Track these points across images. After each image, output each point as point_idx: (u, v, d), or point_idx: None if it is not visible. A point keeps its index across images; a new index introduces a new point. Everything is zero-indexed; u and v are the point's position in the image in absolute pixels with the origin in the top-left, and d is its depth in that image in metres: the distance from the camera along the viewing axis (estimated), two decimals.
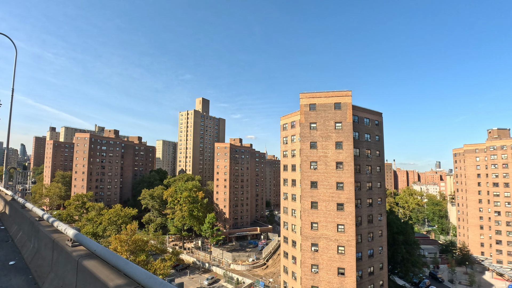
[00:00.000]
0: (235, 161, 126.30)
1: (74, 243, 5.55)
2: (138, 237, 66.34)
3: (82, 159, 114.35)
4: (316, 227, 45.62)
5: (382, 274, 56.24)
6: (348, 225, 44.75)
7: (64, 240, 5.89)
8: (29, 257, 7.88)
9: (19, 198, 12.56)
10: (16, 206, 12.25)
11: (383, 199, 57.42)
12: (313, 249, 45.53)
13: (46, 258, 6.60)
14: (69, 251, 5.29)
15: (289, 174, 61.96)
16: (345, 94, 46.83)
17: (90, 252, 4.96)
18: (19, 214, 11.00)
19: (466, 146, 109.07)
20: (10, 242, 10.22)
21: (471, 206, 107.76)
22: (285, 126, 63.98)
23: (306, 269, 45.50)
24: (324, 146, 46.33)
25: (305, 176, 46.34)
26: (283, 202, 63.87)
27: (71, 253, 5.13)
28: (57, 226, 6.77)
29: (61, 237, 6.32)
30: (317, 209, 45.76)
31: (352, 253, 44.48)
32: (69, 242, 5.63)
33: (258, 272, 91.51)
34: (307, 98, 47.75)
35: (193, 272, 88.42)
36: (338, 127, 46.47)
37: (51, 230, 7.08)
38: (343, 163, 45.62)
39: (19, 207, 11.56)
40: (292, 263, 59.56)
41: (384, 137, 59.32)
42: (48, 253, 6.52)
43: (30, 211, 10.39)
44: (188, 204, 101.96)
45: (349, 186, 45.17)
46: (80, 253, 5.07)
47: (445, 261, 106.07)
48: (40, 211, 8.64)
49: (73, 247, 5.48)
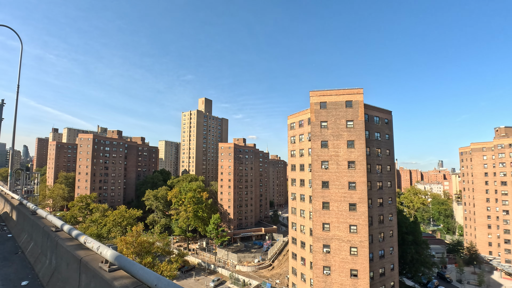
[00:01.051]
0: (239, 161, 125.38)
1: (112, 267, 4.34)
2: (143, 238, 65.45)
3: (85, 160, 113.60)
4: (328, 228, 44.62)
5: (393, 275, 55.21)
6: (361, 225, 43.75)
7: (97, 262, 4.76)
8: (45, 276, 6.65)
9: (29, 203, 11.41)
10: (25, 212, 11.19)
11: (394, 199, 56.40)
12: (325, 250, 44.53)
13: (71, 282, 5.28)
14: (107, 278, 4.06)
15: (297, 174, 60.98)
16: (357, 91, 45.83)
17: (139, 283, 3.79)
18: (30, 222, 9.90)
19: (473, 145, 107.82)
20: (20, 254, 9.15)
21: (478, 205, 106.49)
22: (293, 125, 62.99)
23: (318, 271, 44.50)
24: (335, 145, 45.33)
25: (316, 176, 45.35)
26: (291, 203, 62.91)
27: (110, 282, 3.93)
28: (85, 241, 5.49)
29: (91, 256, 5.08)
30: (328, 209, 44.77)
31: (365, 254, 43.48)
32: (104, 265, 4.45)
33: (264, 273, 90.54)
34: (318, 96, 46.76)
35: (198, 273, 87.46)
36: (349, 125, 45.47)
37: (75, 246, 5.85)
38: (355, 163, 44.62)
39: (29, 213, 10.52)
40: (301, 265, 58.59)
41: (394, 136, 58.29)
42: (73, 275, 5.23)
43: (43, 219, 9.28)
44: (192, 205, 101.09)
45: (362, 186, 44.17)
46: (124, 282, 3.88)
47: (452, 260, 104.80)
48: (58, 220, 7.42)
49: (112, 272, 4.29)
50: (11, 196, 16.83)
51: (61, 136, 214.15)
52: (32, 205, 10.80)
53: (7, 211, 15.76)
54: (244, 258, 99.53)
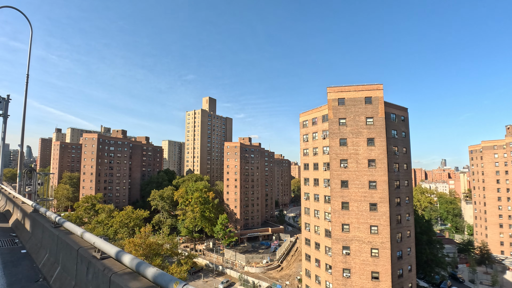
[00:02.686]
0: (245, 160, 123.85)
1: None
2: (152, 240, 63.94)
3: (90, 160, 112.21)
4: (348, 229, 43.02)
5: (410, 277, 53.61)
6: (382, 226, 42.15)
7: None
8: None
9: (48, 212, 9.19)
10: (44, 222, 8.93)
11: (410, 198, 54.75)
12: (345, 252, 42.94)
13: None
14: None
15: (310, 173, 59.39)
16: (376, 87, 44.19)
17: None
18: (53, 238, 7.59)
19: (484, 143, 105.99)
20: (42, 283, 6.77)
21: (489, 204, 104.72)
22: (305, 123, 61.38)
23: (337, 273, 42.92)
24: (354, 143, 43.71)
25: (334, 175, 43.74)
26: (304, 203, 61.33)
27: None
28: None
29: None
30: (348, 209, 43.17)
31: (387, 256, 41.90)
32: None
33: (273, 274, 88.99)
34: (335, 92, 45.13)
35: (206, 275, 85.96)
36: (369, 122, 43.84)
37: None
38: (375, 161, 43.02)
39: (50, 226, 8.23)
40: (315, 266, 57.03)
41: (410, 134, 56.57)
42: None
43: (72, 235, 6.82)
44: (199, 205, 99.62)
45: (383, 185, 42.57)
46: None
47: (463, 260, 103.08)
48: (106, 243, 4.84)
49: None
50: (22, 200, 14.59)
51: (65, 136, 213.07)
52: (54, 214, 8.62)
53: (18, 219, 13.55)
54: (252, 259, 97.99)
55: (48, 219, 9.37)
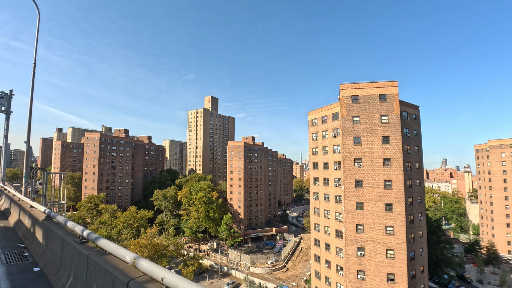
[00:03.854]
0: (248, 159, 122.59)
1: None
2: (157, 241, 62.63)
3: (92, 160, 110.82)
4: (362, 229, 41.85)
5: (423, 278, 52.50)
6: (398, 226, 41.00)
7: None
8: None
9: (70, 222, 7.23)
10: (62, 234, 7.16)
11: (423, 198, 53.59)
12: (359, 253, 41.77)
13: None
14: None
15: (320, 173, 58.17)
16: (391, 84, 43.01)
17: None
18: (79, 257, 5.80)
19: (491, 142, 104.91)
20: None
21: (496, 204, 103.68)
22: (314, 121, 60.15)
23: (351, 275, 41.74)
24: (369, 141, 42.52)
25: (348, 175, 42.54)
26: (314, 203, 60.12)
27: None
28: None
29: None
30: (362, 210, 41.99)
31: (403, 257, 40.74)
32: None
33: (279, 275, 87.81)
34: (349, 89, 43.91)
35: (211, 276, 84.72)
36: (384, 120, 42.66)
37: None
38: (390, 159, 41.85)
39: (73, 240, 6.46)
40: (325, 268, 55.86)
41: (422, 132, 55.38)
42: None
43: (108, 256, 5.17)
44: (203, 205, 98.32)
45: (398, 184, 41.40)
46: None
47: (469, 260, 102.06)
48: (182, 279, 3.23)
49: None
50: (29, 204, 12.84)
51: (66, 136, 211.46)
52: (79, 226, 6.52)
53: (27, 227, 11.69)
54: (257, 259, 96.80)
55: (69, 231, 7.52)
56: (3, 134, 28.89)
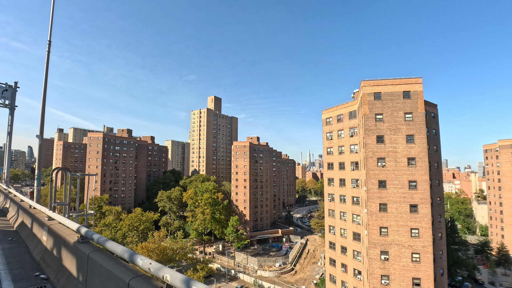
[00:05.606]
0: (254, 160, 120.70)
1: None
2: (165, 245, 60.49)
3: (95, 160, 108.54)
4: (386, 232, 40.06)
5: (443, 281, 50.78)
6: (423, 229, 39.24)
7: None
8: None
9: (140, 257, 4.36)
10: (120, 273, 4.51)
11: (442, 199, 51.99)
12: (383, 257, 39.94)
13: None
14: None
15: (335, 173, 56.45)
16: (415, 81, 41.35)
17: None
18: None
19: (501, 142, 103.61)
20: None
21: (506, 204, 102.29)
22: (329, 120, 58.43)
23: (374, 280, 39.90)
24: (392, 140, 40.80)
25: (371, 175, 40.75)
26: (328, 204, 58.34)
27: None
28: None
29: None
30: (386, 212, 40.21)
31: (429, 261, 38.98)
32: None
33: (287, 278, 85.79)
34: (371, 86, 42.20)
35: (219, 280, 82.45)
36: (408, 118, 40.97)
37: None
38: (415, 159, 40.14)
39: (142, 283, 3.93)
40: (341, 272, 54.06)
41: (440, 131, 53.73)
42: None
43: None
44: (209, 207, 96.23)
45: (424, 185, 39.68)
46: None
47: (479, 262, 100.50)
48: None
49: None
50: (47, 215, 9.65)
51: (67, 136, 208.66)
52: (148, 259, 4.22)
53: (47, 248, 8.47)
54: (265, 262, 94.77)
55: (126, 265, 4.84)
56: (7, 130, 26.26)
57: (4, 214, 18.09)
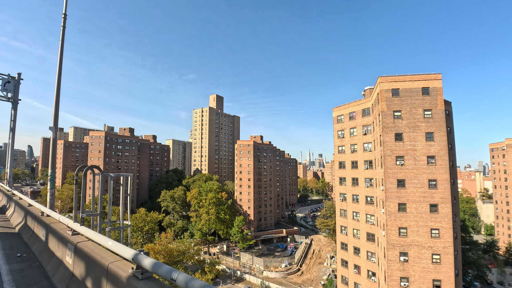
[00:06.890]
0: (257, 159, 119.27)
1: None
2: (172, 246, 58.95)
3: (97, 159, 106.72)
4: (405, 233, 38.77)
5: (458, 282, 49.37)
6: (444, 229, 37.99)
7: None
8: None
9: None
10: None
11: (457, 198, 50.65)
12: (402, 259, 38.66)
13: None
14: None
15: (347, 172, 55.13)
16: (434, 77, 40.03)
17: None
18: None
19: (508, 140, 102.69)
20: None
21: None
22: (340, 118, 57.08)
23: (393, 283, 38.62)
24: (411, 138, 39.51)
25: (390, 174, 39.44)
26: (340, 204, 57.04)
27: None
28: None
29: None
30: (405, 211, 38.92)
31: (449, 262, 37.75)
32: None
33: (294, 279, 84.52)
34: (389, 82, 40.86)
35: (225, 281, 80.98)
36: (427, 115, 39.69)
37: None
38: (435, 157, 38.88)
39: None
40: (354, 273, 52.80)
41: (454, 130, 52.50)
42: None
43: None
44: (214, 207, 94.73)
45: (444, 184, 38.41)
46: None
47: (487, 261, 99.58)
48: None
49: None
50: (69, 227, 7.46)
51: (67, 136, 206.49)
52: None
53: (74, 273, 6.19)
54: (270, 262, 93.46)
55: None
56: (10, 126, 24.26)
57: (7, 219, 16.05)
